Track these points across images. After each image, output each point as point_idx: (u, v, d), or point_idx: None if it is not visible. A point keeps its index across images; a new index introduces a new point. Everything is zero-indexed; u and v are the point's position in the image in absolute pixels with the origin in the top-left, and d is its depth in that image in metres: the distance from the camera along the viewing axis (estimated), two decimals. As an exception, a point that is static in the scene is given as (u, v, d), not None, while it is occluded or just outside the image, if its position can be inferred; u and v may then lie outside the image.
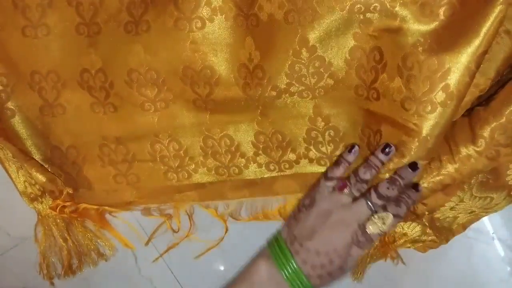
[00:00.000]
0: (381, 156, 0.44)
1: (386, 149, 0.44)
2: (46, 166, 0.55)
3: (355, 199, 0.44)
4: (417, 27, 0.42)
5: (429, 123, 0.43)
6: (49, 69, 0.51)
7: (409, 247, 0.54)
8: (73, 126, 0.53)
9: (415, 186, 0.44)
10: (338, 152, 0.52)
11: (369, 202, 0.43)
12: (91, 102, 0.52)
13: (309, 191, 0.48)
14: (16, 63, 0.51)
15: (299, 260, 0.42)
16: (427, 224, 0.53)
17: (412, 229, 0.54)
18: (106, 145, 0.54)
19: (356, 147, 0.47)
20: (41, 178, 0.53)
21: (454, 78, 0.41)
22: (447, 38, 0.41)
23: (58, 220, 0.54)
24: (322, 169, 0.53)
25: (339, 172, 0.46)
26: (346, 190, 0.44)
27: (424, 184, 0.47)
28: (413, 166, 0.43)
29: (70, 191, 0.55)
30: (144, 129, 0.53)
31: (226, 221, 0.57)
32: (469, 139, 0.45)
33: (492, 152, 0.45)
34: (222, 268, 0.60)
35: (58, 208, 0.53)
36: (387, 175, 0.46)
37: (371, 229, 0.42)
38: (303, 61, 0.47)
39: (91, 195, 0.56)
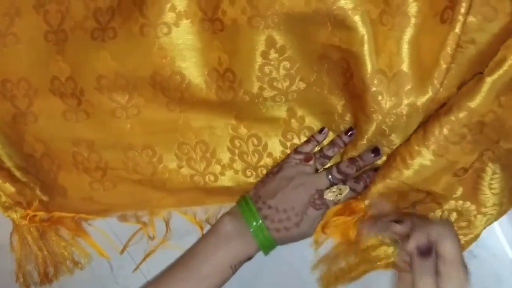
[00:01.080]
0: (344, 137, 0.49)
1: (349, 132, 0.49)
2: (22, 174, 0.54)
3: (317, 171, 0.50)
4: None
5: (395, 129, 0.45)
6: (20, 77, 0.50)
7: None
8: (46, 134, 0.53)
9: (377, 170, 0.49)
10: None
11: (329, 175, 0.49)
12: (63, 109, 0.51)
13: (278, 162, 0.53)
14: (-14, 72, 0.50)
15: (261, 215, 0.47)
16: None
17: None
18: (79, 153, 0.53)
19: (326, 129, 0.51)
20: (10, 188, 0.52)
21: (420, 96, 0.42)
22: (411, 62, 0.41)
23: (32, 229, 0.54)
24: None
25: (308, 148, 0.51)
26: (311, 162, 0.50)
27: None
28: (375, 151, 0.48)
29: (45, 199, 0.55)
30: (117, 136, 0.52)
31: (203, 228, 0.56)
32: (420, 136, 0.45)
33: (441, 149, 0.43)
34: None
35: (28, 217, 0.52)
36: None
37: (328, 195, 0.47)
38: (272, 62, 0.46)
39: (68, 203, 0.56)
